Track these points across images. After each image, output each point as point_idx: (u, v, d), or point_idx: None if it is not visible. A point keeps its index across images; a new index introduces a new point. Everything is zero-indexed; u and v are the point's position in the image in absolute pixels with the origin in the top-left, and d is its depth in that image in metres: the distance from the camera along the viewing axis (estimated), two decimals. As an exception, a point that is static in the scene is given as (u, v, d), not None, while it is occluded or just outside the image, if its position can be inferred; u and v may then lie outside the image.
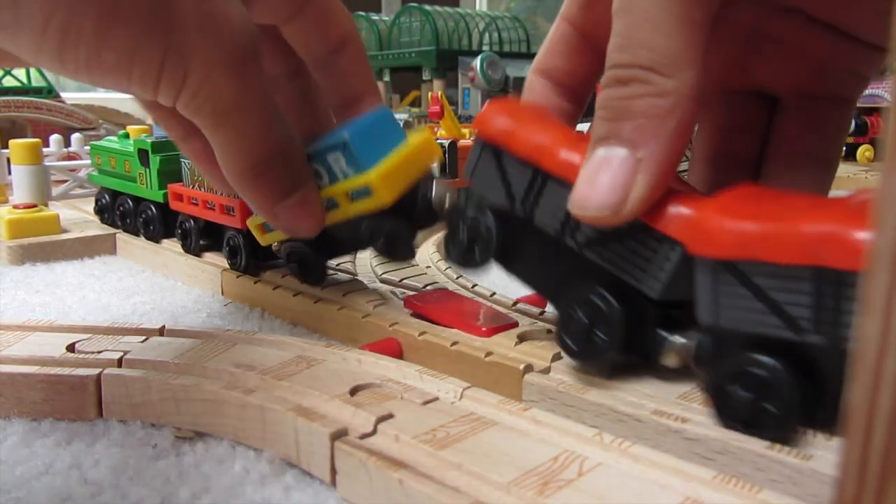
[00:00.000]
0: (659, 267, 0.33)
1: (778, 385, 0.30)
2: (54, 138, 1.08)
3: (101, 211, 0.82)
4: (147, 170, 0.73)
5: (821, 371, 0.30)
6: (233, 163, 0.40)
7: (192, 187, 0.64)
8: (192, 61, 0.34)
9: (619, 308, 0.34)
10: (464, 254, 0.42)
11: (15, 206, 0.79)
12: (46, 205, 0.85)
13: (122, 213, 0.79)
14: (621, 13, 0.30)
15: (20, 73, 1.49)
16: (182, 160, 0.68)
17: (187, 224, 0.67)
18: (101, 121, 1.45)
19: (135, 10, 0.32)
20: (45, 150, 0.95)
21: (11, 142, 0.87)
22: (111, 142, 0.80)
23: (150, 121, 0.92)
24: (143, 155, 0.74)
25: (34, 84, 1.48)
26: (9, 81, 1.46)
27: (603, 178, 0.29)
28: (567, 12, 0.42)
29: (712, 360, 0.33)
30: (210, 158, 0.43)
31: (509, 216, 0.40)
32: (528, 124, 0.39)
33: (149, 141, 0.73)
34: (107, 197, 0.81)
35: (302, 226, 0.44)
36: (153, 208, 0.73)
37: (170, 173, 0.71)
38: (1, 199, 0.95)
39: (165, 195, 0.71)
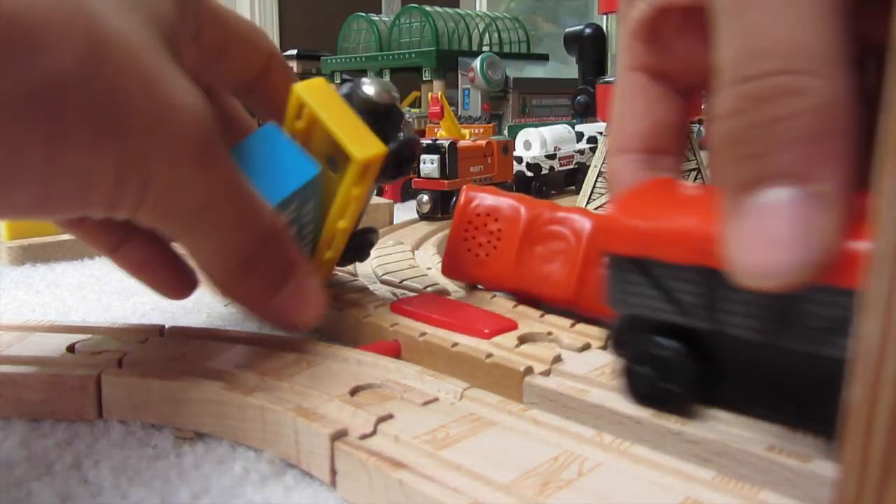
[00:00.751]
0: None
1: (677, 365, 0.33)
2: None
3: None
4: None
5: (713, 353, 0.33)
6: (216, 265, 0.36)
7: None
8: (152, 164, 0.30)
9: None
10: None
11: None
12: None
13: None
14: (737, 9, 0.23)
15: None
16: None
17: None
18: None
19: (83, 122, 0.27)
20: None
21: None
22: None
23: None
24: None
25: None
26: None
27: (775, 233, 0.22)
28: (633, 59, 0.34)
29: (623, 343, 0.36)
30: (150, 266, 0.42)
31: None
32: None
33: None
34: None
35: (307, 315, 0.39)
36: None
37: None
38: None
39: None
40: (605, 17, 0.94)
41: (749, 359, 0.32)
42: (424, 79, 1.69)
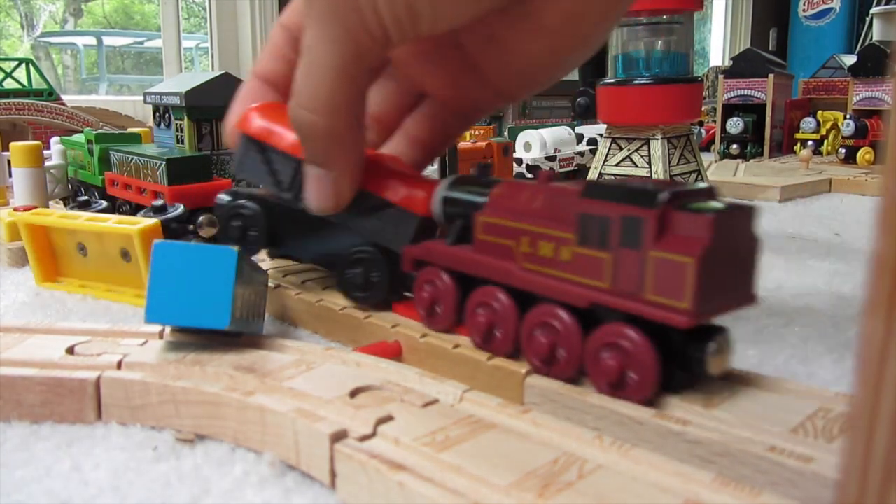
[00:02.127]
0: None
1: (256, 219, 0.55)
2: (55, 140, 1.08)
3: (72, 199, 0.93)
4: (92, 158, 0.85)
5: (279, 214, 0.54)
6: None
7: (122, 175, 0.78)
8: None
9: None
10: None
11: (15, 209, 0.79)
12: (47, 206, 0.85)
13: (75, 197, 0.91)
14: (303, 52, 0.38)
15: (21, 75, 1.49)
16: (111, 151, 0.81)
17: (125, 208, 0.80)
18: (101, 123, 1.45)
19: None
20: (45, 152, 0.95)
21: (12, 144, 0.87)
22: (78, 137, 0.92)
23: (150, 122, 0.92)
24: (89, 145, 0.85)
25: (35, 87, 1.48)
26: (9, 84, 1.46)
27: (321, 190, 0.42)
28: (284, 19, 0.48)
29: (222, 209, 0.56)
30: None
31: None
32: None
33: (93, 133, 0.85)
34: (81, 188, 0.92)
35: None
36: (96, 193, 0.86)
37: (106, 160, 0.84)
38: (1, 202, 0.95)
39: (104, 180, 0.83)
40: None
41: (303, 221, 0.53)
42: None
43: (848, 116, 1.52)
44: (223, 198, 0.56)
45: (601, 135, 1.01)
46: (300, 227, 0.54)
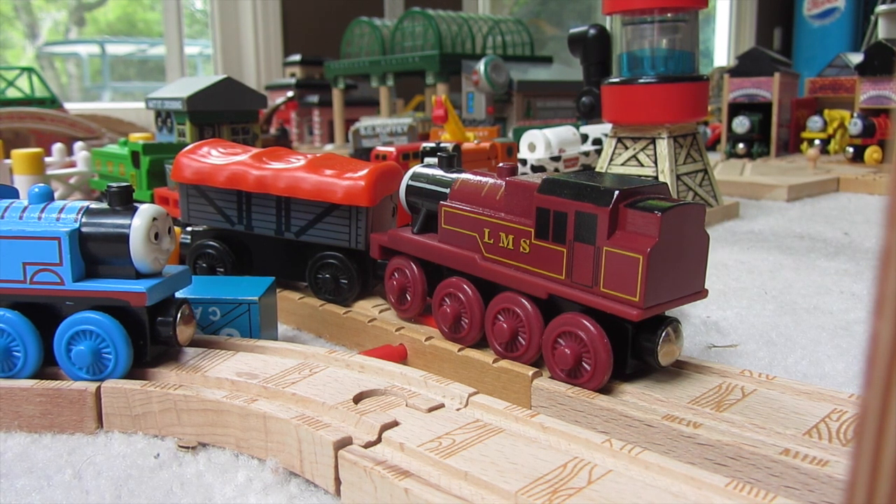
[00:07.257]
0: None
1: (223, 257, 0.55)
2: (57, 147, 1.08)
3: None
4: (138, 171, 0.77)
5: (244, 246, 0.57)
6: None
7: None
8: None
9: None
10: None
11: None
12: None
13: None
14: None
15: (23, 83, 1.49)
16: (165, 164, 0.73)
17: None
18: (104, 130, 1.45)
19: None
20: (47, 159, 0.95)
21: (13, 152, 0.86)
22: (112, 147, 0.85)
23: (153, 128, 0.92)
24: (134, 157, 0.77)
25: (37, 95, 1.48)
26: (12, 93, 1.47)
27: None
28: None
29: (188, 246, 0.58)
30: None
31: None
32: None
33: (141, 143, 0.77)
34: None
35: None
36: None
37: (159, 175, 0.76)
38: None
39: (153, 196, 0.76)
40: (608, 17, 0.93)
41: (264, 246, 0.55)
42: (428, 82, 1.69)
43: (855, 115, 1.51)
44: (185, 239, 0.58)
45: (606, 134, 1.00)
46: (263, 251, 0.56)
